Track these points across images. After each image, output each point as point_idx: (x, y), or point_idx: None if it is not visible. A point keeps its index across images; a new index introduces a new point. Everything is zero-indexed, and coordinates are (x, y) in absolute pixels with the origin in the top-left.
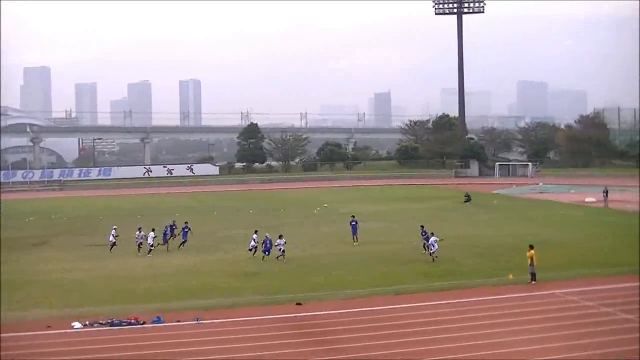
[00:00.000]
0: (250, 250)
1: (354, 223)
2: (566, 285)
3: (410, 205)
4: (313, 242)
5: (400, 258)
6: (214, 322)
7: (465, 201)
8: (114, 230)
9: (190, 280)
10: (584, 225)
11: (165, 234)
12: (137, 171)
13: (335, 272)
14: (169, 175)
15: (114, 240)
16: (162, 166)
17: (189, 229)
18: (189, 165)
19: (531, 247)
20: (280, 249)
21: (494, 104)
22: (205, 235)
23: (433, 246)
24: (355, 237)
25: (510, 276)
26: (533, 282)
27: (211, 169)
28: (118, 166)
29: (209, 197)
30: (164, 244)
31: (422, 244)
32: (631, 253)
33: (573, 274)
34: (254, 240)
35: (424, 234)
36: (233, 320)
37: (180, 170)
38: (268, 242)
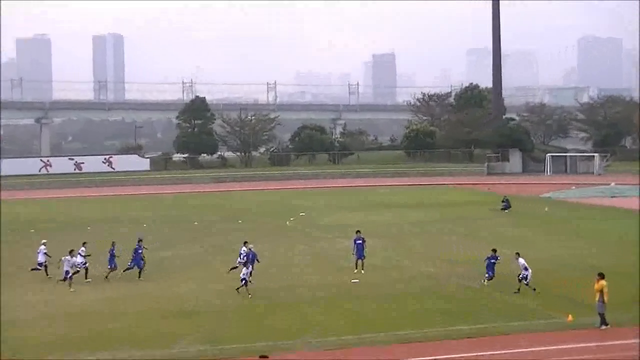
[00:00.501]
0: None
1: (359, 242)
2: None
3: (422, 215)
4: (283, 267)
5: (405, 290)
6: None
7: (503, 208)
8: (43, 247)
9: (104, 323)
10: None
11: (111, 256)
12: (30, 165)
13: (313, 309)
14: (77, 171)
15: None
16: (66, 158)
17: (142, 249)
18: (107, 156)
19: (601, 276)
20: (243, 278)
21: (544, 70)
22: (127, 258)
23: (526, 271)
24: (360, 261)
25: (569, 317)
26: (603, 327)
27: (139, 163)
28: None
29: (135, 204)
30: (112, 269)
31: (488, 274)
32: None
33: None
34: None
35: (492, 259)
36: None
37: (93, 164)
38: (251, 255)
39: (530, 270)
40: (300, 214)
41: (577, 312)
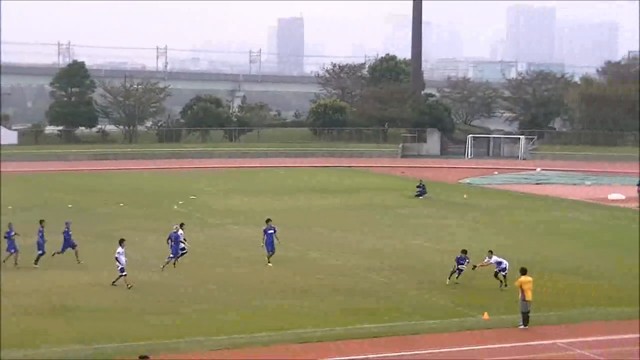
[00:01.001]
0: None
1: (270, 231)
2: (573, 333)
3: (328, 201)
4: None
5: (307, 285)
6: None
7: (418, 195)
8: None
9: None
10: (603, 239)
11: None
12: None
13: (202, 306)
14: None
15: None
16: None
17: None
18: None
19: (523, 272)
20: (120, 267)
21: (469, 41)
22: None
23: (501, 264)
24: (269, 253)
25: (485, 316)
26: (522, 326)
27: (5, 136)
28: None
29: None
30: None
31: (454, 269)
32: None
33: (584, 315)
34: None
35: (460, 262)
36: None
37: None
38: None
39: (505, 262)
40: (191, 197)
41: (494, 310)
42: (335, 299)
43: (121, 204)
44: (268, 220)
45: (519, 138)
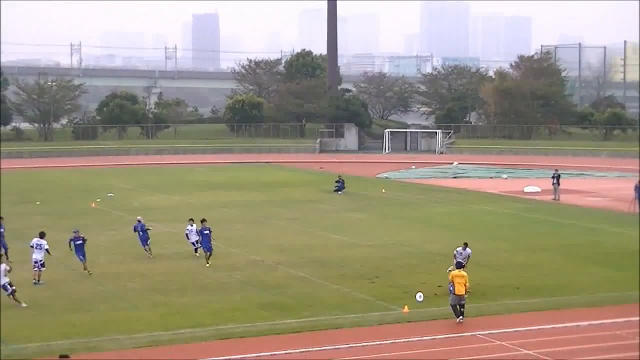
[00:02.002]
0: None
1: (206, 232)
2: (492, 324)
3: (247, 197)
4: (88, 256)
5: (227, 281)
6: None
7: (336, 189)
8: None
9: None
10: (518, 230)
11: None
12: None
13: (121, 304)
14: None
15: None
16: None
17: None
18: None
19: (458, 265)
20: (36, 266)
21: (384, 36)
22: None
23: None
24: (207, 253)
25: (405, 309)
26: (459, 319)
27: None
28: None
29: None
30: None
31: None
32: (588, 272)
33: (502, 307)
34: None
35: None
36: None
37: None
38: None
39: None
40: (108, 194)
41: (413, 303)
42: (255, 294)
43: (37, 202)
44: (203, 221)
45: (436, 132)
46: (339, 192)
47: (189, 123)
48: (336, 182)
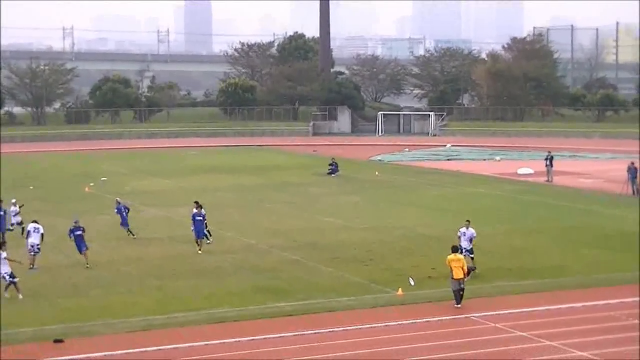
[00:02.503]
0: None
1: (199, 218)
2: (486, 306)
3: (240, 181)
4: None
5: (221, 265)
6: None
7: (330, 172)
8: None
9: None
10: (512, 213)
11: None
12: None
13: (114, 288)
14: None
15: None
16: None
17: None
18: None
19: (454, 249)
20: (32, 250)
21: (377, 18)
22: None
23: (468, 244)
24: (200, 239)
25: (399, 292)
26: (457, 305)
27: None
28: None
29: None
30: None
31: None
32: (582, 254)
33: (496, 289)
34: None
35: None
36: None
37: None
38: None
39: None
40: (102, 179)
41: (407, 286)
42: (248, 278)
43: (31, 187)
44: (197, 204)
45: (429, 115)
46: (333, 175)
47: (181, 107)
48: (329, 165)
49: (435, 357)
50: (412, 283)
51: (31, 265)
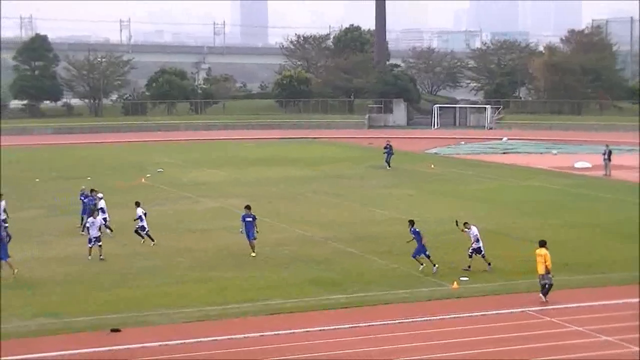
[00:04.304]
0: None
1: (249, 219)
2: (541, 300)
3: (295, 173)
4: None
5: (274, 256)
6: None
7: (385, 154)
8: None
9: None
10: (570, 206)
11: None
12: None
13: (170, 278)
14: None
15: None
16: None
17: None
18: None
19: (542, 243)
20: (94, 241)
21: (433, 11)
22: None
23: (478, 243)
24: (251, 240)
25: (455, 285)
26: (544, 299)
27: None
28: None
29: None
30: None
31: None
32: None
33: (559, 282)
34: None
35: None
36: None
37: None
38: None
39: (481, 242)
40: (158, 170)
41: (462, 280)
42: (303, 269)
43: (88, 178)
44: (247, 207)
45: (485, 108)
46: (389, 158)
47: (237, 99)
48: (385, 148)
49: (490, 351)
50: (465, 279)
51: (99, 256)
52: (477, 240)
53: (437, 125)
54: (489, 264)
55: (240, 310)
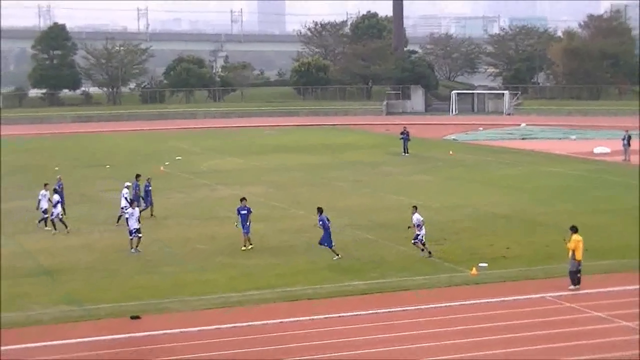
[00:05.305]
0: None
1: (244, 212)
2: (563, 286)
3: (313, 160)
4: (156, 219)
5: (293, 243)
6: None
7: (402, 139)
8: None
9: None
10: (589, 192)
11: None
12: None
13: (190, 265)
14: None
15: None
16: None
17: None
18: None
19: (574, 230)
20: (132, 234)
21: None
22: None
23: (420, 230)
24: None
25: (473, 271)
26: (572, 287)
27: None
28: None
29: None
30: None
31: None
32: None
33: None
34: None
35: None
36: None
37: None
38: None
39: (424, 230)
40: (177, 158)
41: (479, 266)
42: (322, 256)
43: (107, 166)
44: (242, 200)
45: (503, 93)
46: (405, 143)
47: (255, 86)
48: (401, 134)
49: (509, 337)
50: (484, 265)
51: (133, 249)
52: (419, 227)
53: (455, 112)
54: (423, 250)
55: (260, 297)
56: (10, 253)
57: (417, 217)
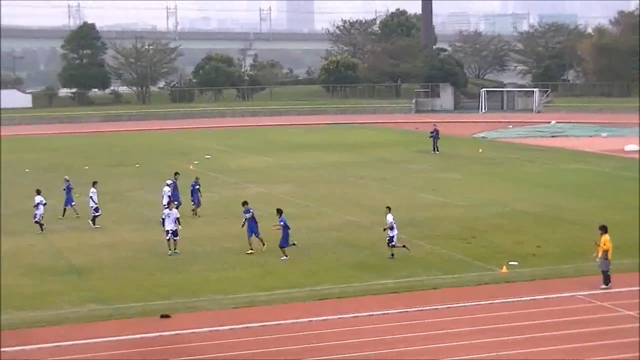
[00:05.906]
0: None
1: (247, 215)
2: (594, 284)
3: (342, 158)
4: (185, 217)
5: (321, 242)
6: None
7: (431, 137)
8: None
9: None
10: (619, 189)
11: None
12: None
13: (218, 264)
14: None
15: None
16: None
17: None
18: None
19: (604, 229)
20: (168, 235)
21: None
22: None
23: (392, 231)
24: (255, 238)
25: (504, 269)
26: (604, 286)
27: (19, 99)
28: None
29: (14, 145)
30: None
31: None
32: None
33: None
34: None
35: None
36: (61, 346)
37: None
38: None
39: (396, 231)
40: (206, 156)
41: (510, 265)
42: (351, 254)
43: (137, 165)
44: (245, 204)
45: (533, 91)
46: (434, 141)
47: (284, 85)
48: (431, 132)
49: (539, 336)
50: (514, 263)
51: (170, 251)
52: (392, 228)
53: (485, 109)
54: (392, 254)
55: (288, 296)
56: (40, 252)
57: (390, 218)
